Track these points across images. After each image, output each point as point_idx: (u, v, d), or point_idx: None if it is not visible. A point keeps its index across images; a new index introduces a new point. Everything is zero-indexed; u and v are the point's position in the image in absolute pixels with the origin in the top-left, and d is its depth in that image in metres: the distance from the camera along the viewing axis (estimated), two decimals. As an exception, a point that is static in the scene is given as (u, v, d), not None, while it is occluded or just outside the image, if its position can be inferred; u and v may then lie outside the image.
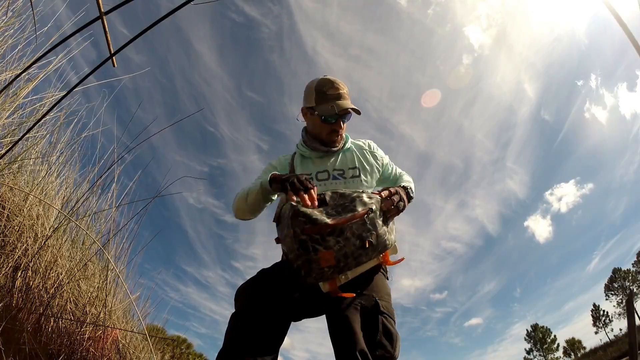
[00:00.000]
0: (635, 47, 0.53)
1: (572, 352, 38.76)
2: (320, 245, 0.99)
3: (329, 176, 1.38)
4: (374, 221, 1.08)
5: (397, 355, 1.03)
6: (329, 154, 1.42)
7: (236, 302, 1.09)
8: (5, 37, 1.72)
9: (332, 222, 1.00)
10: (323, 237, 0.99)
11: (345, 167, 1.41)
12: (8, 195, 1.68)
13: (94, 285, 1.89)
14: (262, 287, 1.09)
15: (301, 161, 1.42)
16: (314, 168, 1.40)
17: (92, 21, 0.60)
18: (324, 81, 1.37)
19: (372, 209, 1.08)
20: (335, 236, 1.00)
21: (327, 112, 1.33)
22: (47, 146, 1.93)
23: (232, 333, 1.02)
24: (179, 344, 6.09)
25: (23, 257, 1.61)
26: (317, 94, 1.36)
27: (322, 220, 0.99)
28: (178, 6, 0.59)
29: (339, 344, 1.02)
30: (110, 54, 0.65)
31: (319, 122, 1.38)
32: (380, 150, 1.54)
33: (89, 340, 1.70)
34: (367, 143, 1.53)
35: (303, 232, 0.98)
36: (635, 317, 3.07)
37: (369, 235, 1.05)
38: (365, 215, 1.06)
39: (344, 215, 1.03)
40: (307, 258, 0.98)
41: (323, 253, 0.99)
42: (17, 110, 1.73)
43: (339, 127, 1.37)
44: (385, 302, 1.10)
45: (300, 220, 0.98)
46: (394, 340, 1.03)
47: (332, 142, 1.41)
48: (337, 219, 1.01)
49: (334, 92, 1.35)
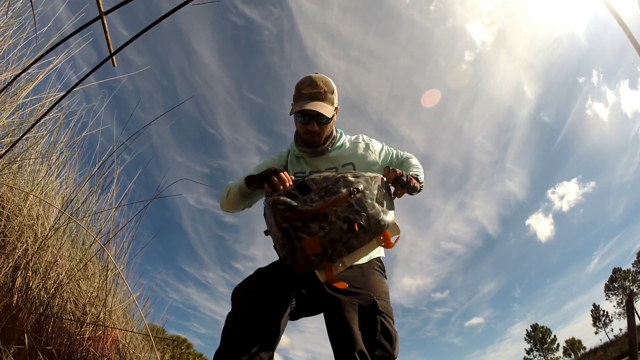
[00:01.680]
0: (635, 47, 0.53)
1: (572, 352, 38.76)
2: (303, 232, 0.95)
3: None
4: (361, 202, 1.01)
5: (397, 355, 1.02)
6: (321, 154, 1.39)
7: (232, 301, 1.09)
8: (5, 37, 1.72)
9: (313, 208, 0.96)
10: (305, 224, 0.95)
11: (338, 163, 1.37)
12: (8, 195, 1.68)
13: (94, 285, 1.89)
14: (258, 287, 1.09)
15: (295, 160, 1.41)
16: (307, 167, 1.38)
17: (92, 21, 0.60)
18: (305, 79, 1.33)
19: (358, 188, 1.02)
20: (318, 222, 0.96)
21: (295, 110, 1.30)
22: (47, 146, 1.94)
23: (229, 333, 1.02)
24: (179, 344, 6.09)
25: (23, 257, 1.60)
26: (295, 91, 1.34)
27: (303, 207, 0.96)
28: (177, 6, 0.59)
29: (338, 344, 1.02)
30: (110, 54, 0.65)
31: (296, 120, 1.37)
32: (374, 140, 1.50)
33: (89, 340, 1.69)
34: (360, 136, 1.49)
35: (284, 220, 0.95)
36: (635, 317, 3.07)
37: (357, 218, 1.00)
38: (351, 196, 1.01)
39: (327, 198, 0.99)
40: (292, 246, 0.95)
41: (307, 240, 0.95)
42: (17, 110, 1.73)
43: (312, 126, 1.31)
44: (383, 301, 1.09)
45: (279, 209, 0.96)
46: (393, 340, 1.02)
47: (310, 142, 1.36)
48: (320, 204, 0.97)
49: (308, 92, 1.30)
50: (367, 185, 1.05)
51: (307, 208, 0.96)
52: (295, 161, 1.42)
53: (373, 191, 1.05)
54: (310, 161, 1.40)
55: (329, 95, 1.33)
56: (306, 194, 1.00)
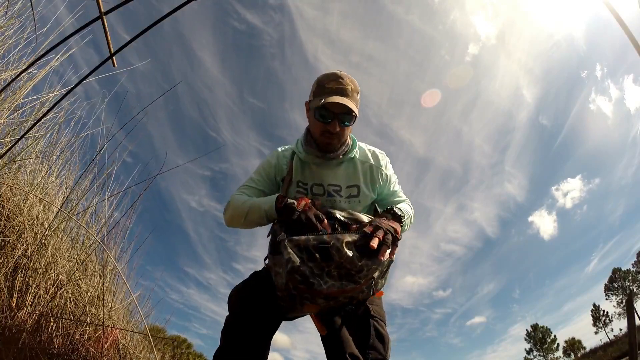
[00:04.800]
0: (635, 47, 0.52)
1: (572, 352, 38.76)
2: (309, 301, 0.95)
3: (324, 192, 1.24)
4: (371, 285, 1.00)
5: (389, 356, 1.07)
6: (327, 163, 1.26)
7: (229, 303, 1.10)
8: (5, 37, 1.72)
9: (327, 290, 0.93)
10: (313, 297, 0.94)
11: (343, 183, 1.26)
12: (8, 194, 1.68)
13: (94, 285, 1.89)
14: (253, 289, 1.09)
15: (300, 165, 1.28)
16: (310, 179, 1.26)
17: (92, 21, 0.60)
18: (329, 74, 1.21)
19: (374, 277, 0.99)
20: (326, 299, 0.95)
21: (315, 105, 1.18)
22: (47, 146, 1.94)
23: (227, 333, 1.04)
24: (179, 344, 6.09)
25: (23, 257, 1.60)
26: (317, 86, 1.21)
27: (318, 286, 0.92)
28: (179, 5, 0.59)
29: (330, 347, 1.06)
30: (110, 54, 0.65)
31: (313, 118, 1.23)
32: (390, 168, 1.35)
33: (89, 340, 1.69)
34: (378, 157, 1.32)
35: (295, 289, 0.93)
36: (635, 317, 3.07)
37: (362, 296, 0.99)
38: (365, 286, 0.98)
39: (345, 283, 0.94)
40: (292, 305, 0.96)
41: (309, 306, 0.96)
42: (17, 110, 1.73)
43: (333, 127, 1.17)
44: (375, 305, 1.13)
45: (295, 278, 0.92)
46: (385, 342, 1.07)
47: (325, 145, 1.22)
48: (335, 288, 0.93)
49: (334, 86, 1.17)
50: (381, 269, 1.00)
51: (322, 289, 0.93)
52: (301, 167, 1.28)
53: (382, 270, 1.01)
54: (316, 171, 1.26)
55: (355, 95, 1.20)
56: (326, 261, 0.94)
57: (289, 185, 1.26)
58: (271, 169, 1.31)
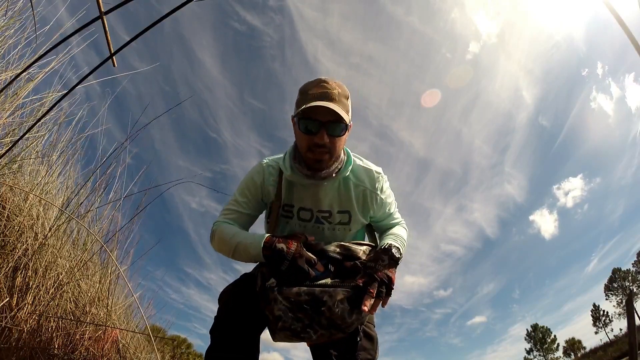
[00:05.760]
0: (635, 47, 0.52)
1: (572, 352, 38.76)
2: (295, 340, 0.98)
3: (312, 217, 1.16)
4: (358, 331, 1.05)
5: (377, 356, 1.09)
6: (317, 183, 1.10)
7: (219, 303, 1.10)
8: (5, 37, 1.72)
9: (317, 339, 0.95)
10: (300, 339, 0.97)
11: (333, 208, 1.15)
12: (8, 195, 1.68)
13: (95, 285, 1.89)
14: (242, 289, 1.09)
15: (288, 186, 1.16)
16: (297, 200, 1.15)
17: (92, 21, 0.60)
18: (312, 80, 1.08)
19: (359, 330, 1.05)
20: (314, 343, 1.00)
21: (298, 115, 1.03)
22: (47, 146, 1.94)
23: (216, 332, 1.05)
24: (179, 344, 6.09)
25: (23, 257, 1.60)
26: (300, 95, 1.08)
27: (308, 338, 0.94)
28: (179, 5, 0.59)
29: (315, 349, 1.08)
30: (110, 54, 0.65)
31: (298, 132, 1.08)
32: (387, 189, 1.23)
33: (89, 340, 1.69)
34: (374, 179, 1.18)
35: (282, 339, 0.97)
36: (635, 317, 3.07)
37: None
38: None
39: (334, 332, 0.95)
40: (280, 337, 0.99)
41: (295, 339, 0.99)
42: (17, 110, 1.73)
43: (320, 138, 1.02)
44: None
45: (285, 334, 0.95)
46: (374, 343, 1.09)
47: (312, 162, 1.07)
48: (325, 337, 0.95)
49: (317, 91, 1.03)
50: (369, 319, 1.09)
51: (310, 338, 0.94)
52: (289, 188, 1.15)
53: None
54: (303, 194, 1.14)
55: (344, 99, 1.06)
56: (317, 314, 0.93)
57: (278, 210, 1.17)
58: (257, 190, 1.19)
